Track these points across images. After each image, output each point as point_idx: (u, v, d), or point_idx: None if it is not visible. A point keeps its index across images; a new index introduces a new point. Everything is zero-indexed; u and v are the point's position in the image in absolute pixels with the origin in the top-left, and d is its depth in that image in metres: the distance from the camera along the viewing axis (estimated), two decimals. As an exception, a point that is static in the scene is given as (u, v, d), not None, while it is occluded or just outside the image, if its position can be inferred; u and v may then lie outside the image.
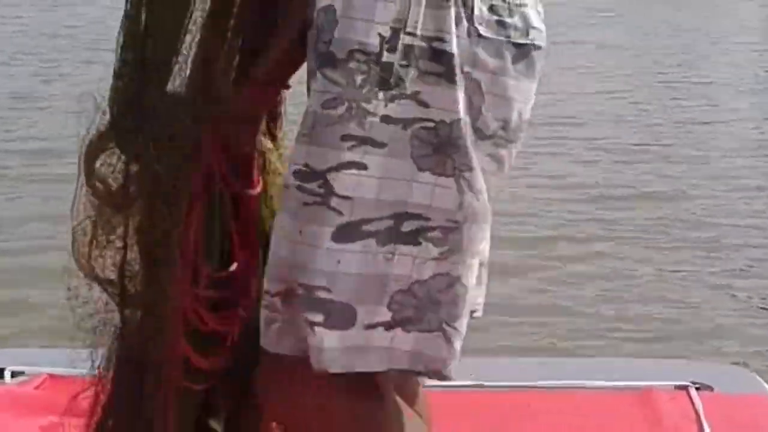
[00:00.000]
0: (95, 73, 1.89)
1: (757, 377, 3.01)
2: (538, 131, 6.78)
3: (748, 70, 10.27)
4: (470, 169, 1.73)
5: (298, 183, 1.75)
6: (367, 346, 1.76)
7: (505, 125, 1.75)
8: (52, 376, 2.78)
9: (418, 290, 1.74)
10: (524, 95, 1.77)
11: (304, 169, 1.74)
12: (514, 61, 1.75)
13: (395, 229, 1.72)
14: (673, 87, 9.45)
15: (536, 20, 1.79)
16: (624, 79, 9.61)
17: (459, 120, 1.71)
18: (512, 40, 1.75)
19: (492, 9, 1.74)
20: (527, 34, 1.76)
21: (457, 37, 1.71)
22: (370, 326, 1.75)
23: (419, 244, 1.73)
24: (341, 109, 1.72)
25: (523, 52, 1.76)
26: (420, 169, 1.72)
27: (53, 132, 7.01)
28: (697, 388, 2.82)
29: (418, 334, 1.76)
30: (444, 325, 1.76)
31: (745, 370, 3.15)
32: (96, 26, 10.29)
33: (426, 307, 1.75)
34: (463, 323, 1.77)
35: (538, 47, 1.79)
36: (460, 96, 1.71)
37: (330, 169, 1.73)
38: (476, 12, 1.72)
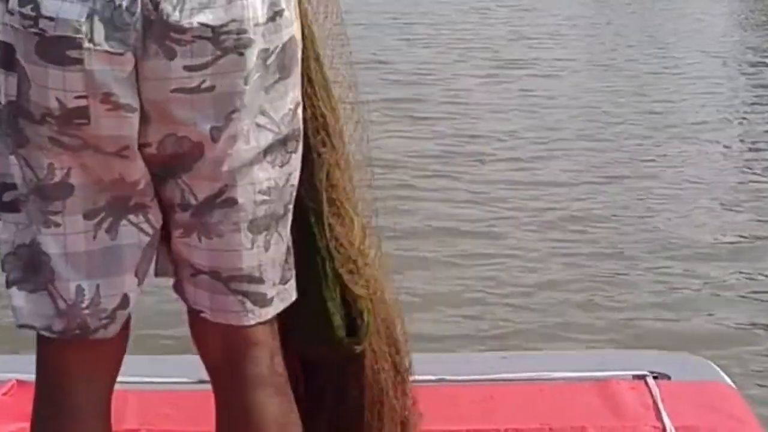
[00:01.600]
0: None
1: (713, 365, 3.06)
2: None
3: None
4: (24, 147, 1.88)
5: None
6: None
7: (49, 112, 1.84)
8: (20, 382, 2.80)
9: (24, 253, 1.92)
10: (60, 84, 1.82)
11: None
12: (38, 49, 1.81)
13: None
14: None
15: (57, 9, 1.79)
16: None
17: (11, 103, 1.86)
18: (27, 29, 1.80)
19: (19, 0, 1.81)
20: (37, 24, 1.80)
21: (10, 27, 1.82)
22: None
23: (20, 211, 1.91)
24: None
25: (40, 41, 1.80)
26: (6, 146, 1.90)
27: None
28: (654, 377, 2.88)
29: (28, 293, 1.94)
30: (48, 286, 1.93)
31: (701, 359, 3.19)
32: None
33: (30, 268, 1.93)
34: (65, 288, 1.93)
35: (56, 37, 1.79)
36: (13, 81, 1.85)
37: None
38: (10, 3, 1.81)
